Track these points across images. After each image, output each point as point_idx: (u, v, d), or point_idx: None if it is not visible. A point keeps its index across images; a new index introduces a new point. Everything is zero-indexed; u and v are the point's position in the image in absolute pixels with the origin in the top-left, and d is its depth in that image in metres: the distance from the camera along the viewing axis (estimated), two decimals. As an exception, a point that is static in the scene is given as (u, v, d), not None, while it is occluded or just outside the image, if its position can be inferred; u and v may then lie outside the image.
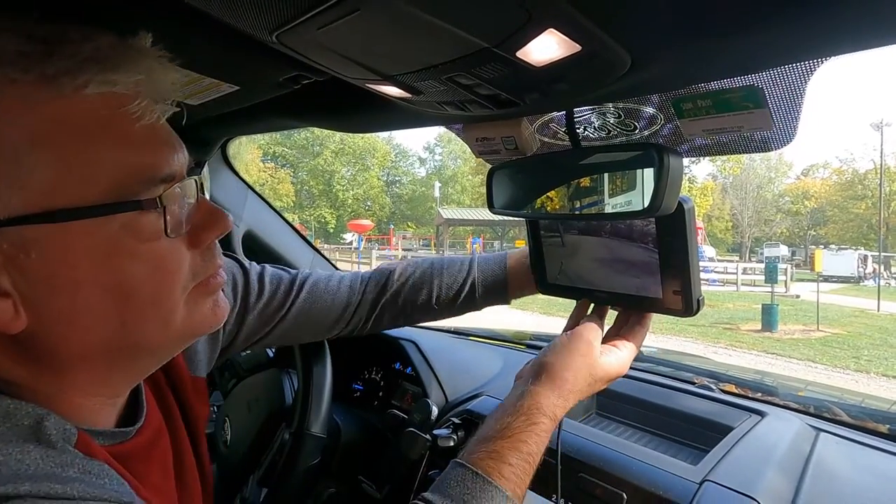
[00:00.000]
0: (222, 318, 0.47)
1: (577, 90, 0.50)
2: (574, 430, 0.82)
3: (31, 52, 0.34)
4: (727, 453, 0.72)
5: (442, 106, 0.60)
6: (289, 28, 0.41)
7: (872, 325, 10.93)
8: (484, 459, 0.54)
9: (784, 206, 30.87)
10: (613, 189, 0.62)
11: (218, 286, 0.47)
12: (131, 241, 0.38)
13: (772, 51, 0.42)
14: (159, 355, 0.46)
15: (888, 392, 5.98)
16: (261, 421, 0.95)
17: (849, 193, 30.24)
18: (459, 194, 36.70)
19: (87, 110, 0.36)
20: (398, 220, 37.59)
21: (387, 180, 38.84)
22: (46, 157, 0.35)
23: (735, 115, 0.54)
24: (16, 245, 0.35)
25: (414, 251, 26.28)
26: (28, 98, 0.34)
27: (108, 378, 0.43)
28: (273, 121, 0.89)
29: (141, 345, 0.42)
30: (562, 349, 0.64)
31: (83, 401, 0.42)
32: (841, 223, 31.67)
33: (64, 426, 0.38)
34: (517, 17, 0.36)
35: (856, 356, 7.78)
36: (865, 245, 28.23)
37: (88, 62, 0.36)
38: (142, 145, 0.39)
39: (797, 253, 31.95)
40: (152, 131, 0.39)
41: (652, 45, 0.42)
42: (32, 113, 0.34)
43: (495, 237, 26.89)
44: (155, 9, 0.49)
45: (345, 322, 0.79)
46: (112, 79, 0.36)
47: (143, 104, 0.38)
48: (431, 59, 0.44)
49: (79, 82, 0.35)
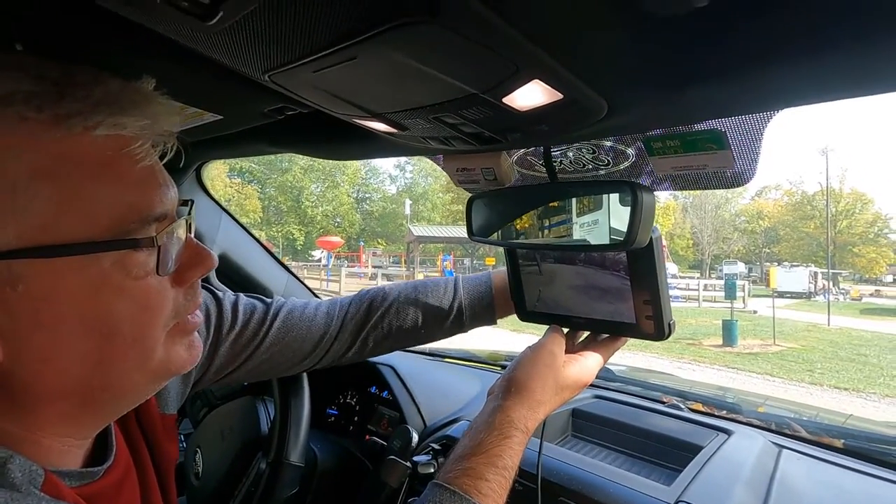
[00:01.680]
0: (196, 359, 0.47)
1: (557, 131, 0.53)
2: (552, 453, 0.83)
3: (43, 93, 0.35)
4: (698, 473, 0.75)
5: (426, 140, 0.62)
6: (284, 70, 0.43)
7: (824, 338, 11.49)
8: (460, 477, 0.55)
9: (740, 225, 32.36)
10: (581, 209, 0.66)
11: (195, 327, 0.47)
12: (120, 277, 0.38)
13: (733, 102, 0.45)
14: (131, 397, 0.45)
15: (839, 403, 6.27)
16: (235, 450, 0.92)
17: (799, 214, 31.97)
18: (430, 212, 36.84)
19: (91, 149, 0.37)
20: (368, 237, 37.35)
21: (357, 197, 38.64)
22: (47, 191, 0.35)
23: (700, 155, 0.58)
24: (3, 278, 0.35)
25: (384, 268, 26.10)
26: (36, 135, 0.35)
27: (78, 419, 0.42)
28: (251, 146, 0.89)
29: (114, 386, 0.41)
30: (526, 362, 0.67)
31: (51, 442, 0.41)
32: (792, 241, 33.36)
33: (30, 467, 0.37)
34: (506, 69, 0.38)
35: (810, 369, 8.14)
36: (815, 262, 29.77)
37: (100, 105, 0.36)
38: (140, 185, 0.39)
39: (753, 270, 33.39)
40: (150, 172, 0.40)
41: (627, 94, 0.45)
42: (38, 149, 0.35)
43: (465, 254, 27.05)
44: (143, 41, 0.49)
45: (322, 351, 0.78)
46: (121, 122, 0.37)
47: (145, 146, 0.39)
48: (421, 101, 0.46)
49: (90, 124, 0.36)
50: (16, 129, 0.34)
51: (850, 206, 31.12)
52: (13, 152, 0.34)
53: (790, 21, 0.35)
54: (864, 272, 31.71)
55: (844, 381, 7.48)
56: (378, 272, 22.35)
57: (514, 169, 0.76)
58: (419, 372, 1.19)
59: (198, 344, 0.47)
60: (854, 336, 12.16)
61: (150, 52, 0.52)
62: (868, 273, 31.57)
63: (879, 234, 31.13)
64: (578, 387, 0.68)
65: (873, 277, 32.31)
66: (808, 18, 0.34)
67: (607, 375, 1.34)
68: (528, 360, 0.67)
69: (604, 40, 0.38)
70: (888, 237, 31.67)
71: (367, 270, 24.62)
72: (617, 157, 0.67)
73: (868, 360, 9.09)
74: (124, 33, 0.49)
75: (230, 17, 0.34)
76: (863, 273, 32.09)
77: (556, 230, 0.69)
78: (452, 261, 25.24)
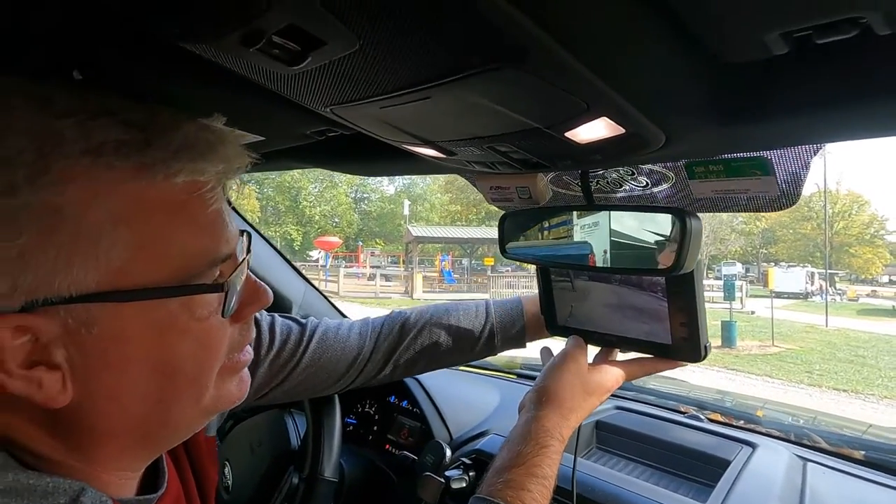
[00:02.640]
0: (245, 395, 0.48)
1: (610, 159, 0.53)
2: (582, 467, 0.84)
3: (129, 141, 0.36)
4: (731, 489, 0.76)
5: (470, 164, 0.62)
6: (350, 105, 0.43)
7: (822, 339, 11.55)
8: (503, 490, 0.56)
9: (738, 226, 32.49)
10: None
11: (245, 364, 0.48)
12: (186, 319, 0.39)
13: (787, 135, 0.46)
14: (185, 432, 0.46)
15: (838, 405, 6.30)
16: (266, 464, 0.93)
17: (796, 215, 32.11)
18: (428, 212, 36.82)
19: (169, 195, 0.37)
20: (366, 237, 37.31)
21: (355, 197, 38.59)
22: (126, 237, 0.36)
23: (743, 180, 0.59)
24: (79, 320, 0.35)
25: (382, 268, 26.06)
26: (120, 182, 0.36)
27: (136, 453, 0.44)
28: (284, 163, 0.90)
29: (171, 422, 0.43)
30: (555, 372, 0.69)
31: (110, 476, 0.42)
32: (790, 242, 33.50)
33: (100, 498, 0.38)
34: (577, 107, 0.39)
35: (808, 371, 8.18)
36: (812, 263, 29.89)
37: (181, 152, 0.37)
38: (210, 229, 0.40)
39: (751, 270, 33.51)
40: (219, 214, 0.41)
41: (685, 128, 0.46)
42: (120, 196, 0.35)
43: (464, 254, 27.07)
44: (187, 66, 0.49)
45: (356, 372, 0.79)
46: (200, 168, 0.38)
47: (217, 189, 0.40)
48: (482, 132, 0.47)
49: (171, 171, 0.36)
50: (103, 177, 0.35)
51: (847, 207, 31.28)
52: (99, 200, 0.35)
53: (847, 64, 0.36)
54: (861, 273, 31.87)
55: (843, 382, 7.52)
56: (376, 272, 22.32)
57: (549, 188, 0.77)
58: (441, 382, 1.20)
59: (247, 380, 0.48)
60: (852, 337, 12.23)
61: (196, 76, 0.52)
62: (864, 274, 31.74)
63: (875, 236, 31.30)
64: (604, 391, 0.70)
65: (869, 278, 32.49)
66: (864, 64, 0.35)
67: (623, 384, 1.34)
68: (556, 370, 0.69)
69: (670, 78, 0.39)
70: (884, 238, 31.84)
71: (365, 270, 24.57)
72: (655, 179, 0.68)
73: (866, 362, 9.15)
74: (167, 60, 0.50)
75: (316, 63, 0.34)
76: (859, 274, 32.25)
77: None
78: (451, 261, 25.25)
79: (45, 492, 0.36)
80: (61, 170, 0.34)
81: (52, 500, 0.36)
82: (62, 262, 0.34)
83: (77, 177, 0.34)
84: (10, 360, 0.34)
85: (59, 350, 0.36)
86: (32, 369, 0.35)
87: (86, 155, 0.34)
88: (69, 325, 0.35)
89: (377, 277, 21.09)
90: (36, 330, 0.35)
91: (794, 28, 0.30)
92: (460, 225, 32.22)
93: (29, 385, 0.35)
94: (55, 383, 0.36)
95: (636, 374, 0.73)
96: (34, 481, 0.35)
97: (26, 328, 0.34)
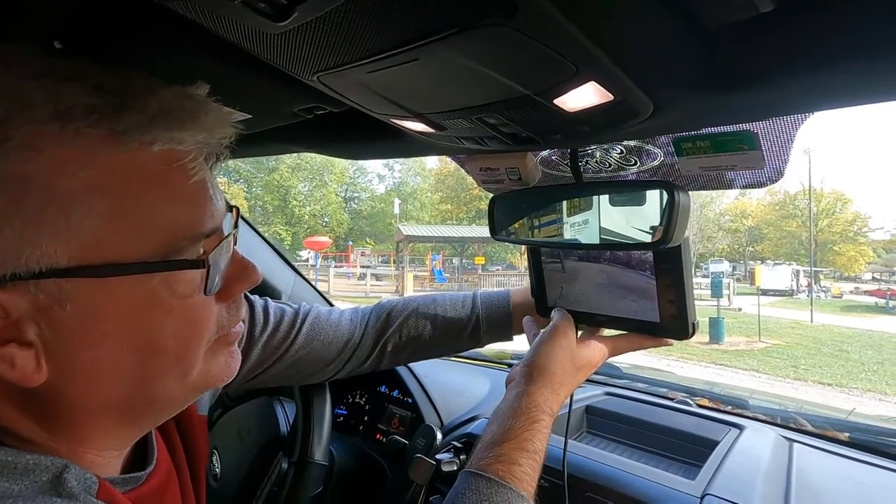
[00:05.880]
0: (234, 371, 0.47)
1: (598, 132, 0.53)
2: (573, 449, 0.84)
3: (102, 106, 0.34)
4: (719, 467, 0.76)
5: (459, 140, 0.62)
6: (337, 71, 0.43)
7: (807, 335, 11.74)
8: (493, 464, 0.56)
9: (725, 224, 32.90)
10: (571, 209, 0.69)
11: (236, 338, 0.47)
12: (167, 296, 0.38)
13: (775, 104, 0.47)
14: (171, 409, 0.45)
15: (823, 398, 6.41)
16: (255, 451, 0.92)
17: (781, 213, 32.59)
18: (419, 211, 36.79)
19: (147, 164, 0.36)
20: (357, 236, 37.17)
21: (345, 196, 38.43)
22: (100, 208, 0.34)
23: (730, 156, 0.59)
24: (51, 296, 0.34)
25: (373, 268, 25.99)
26: (92, 150, 0.34)
27: (119, 432, 0.42)
28: (272, 145, 0.89)
29: (156, 400, 0.41)
30: (543, 346, 0.68)
31: (93, 456, 0.41)
32: (775, 240, 33.99)
33: (84, 475, 0.37)
34: (566, 71, 0.39)
35: (794, 365, 8.32)
36: (797, 260, 30.37)
37: (157, 118, 0.35)
38: (192, 201, 0.38)
39: (737, 268, 33.91)
40: (201, 186, 0.39)
41: (672, 95, 0.46)
42: (93, 164, 0.34)
43: (455, 254, 27.06)
44: (170, 35, 0.48)
45: (346, 357, 0.79)
46: (178, 136, 0.36)
47: (198, 160, 0.38)
48: (469, 101, 0.47)
49: (146, 139, 0.35)
50: (73, 144, 0.33)
51: (831, 205, 31.80)
52: (70, 169, 0.33)
53: (835, 23, 0.36)
54: (844, 270, 32.42)
55: (828, 376, 7.65)
56: (367, 272, 22.25)
57: (539, 168, 0.77)
58: (432, 371, 1.20)
59: (237, 356, 0.47)
60: (836, 332, 12.45)
61: (179, 47, 0.52)
62: (848, 271, 32.29)
63: (859, 233, 31.86)
64: (592, 366, 0.70)
65: (853, 275, 33.06)
66: (853, 21, 0.35)
67: (615, 373, 1.36)
68: (545, 345, 0.69)
69: (659, 42, 0.39)
70: (867, 236, 32.43)
71: (355, 270, 24.50)
72: (643, 157, 0.68)
73: (850, 357, 9.32)
74: (149, 29, 0.49)
75: (302, 19, 0.34)
76: (843, 271, 32.80)
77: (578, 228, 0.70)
78: (441, 260, 25.26)
79: (25, 468, 0.35)
80: (27, 136, 0.32)
81: (34, 476, 0.35)
82: (29, 235, 0.32)
83: (45, 144, 0.32)
84: None
85: (30, 327, 0.34)
86: (4, 347, 0.34)
87: (54, 120, 0.32)
88: (40, 301, 0.34)
89: (367, 277, 21.03)
90: (5, 305, 0.33)
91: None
92: (451, 224, 32.24)
93: (1, 363, 0.34)
94: (29, 361, 0.34)
95: (623, 348, 0.73)
96: (12, 458, 0.34)
97: None
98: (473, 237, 23.00)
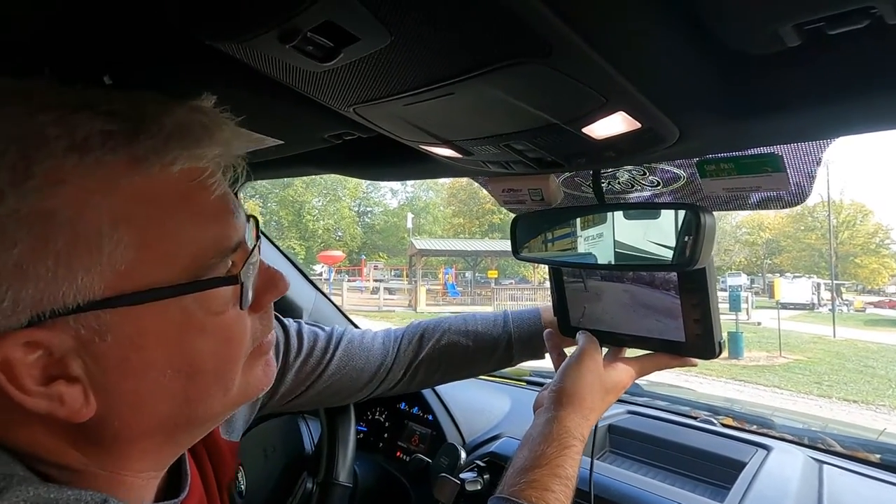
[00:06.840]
0: (272, 378, 0.47)
1: (623, 156, 0.54)
2: (598, 469, 0.84)
3: (116, 132, 0.34)
4: (748, 489, 0.75)
5: (486, 164, 0.64)
6: (374, 104, 0.44)
7: (830, 350, 11.43)
8: (526, 490, 0.56)
9: (741, 236, 32.43)
10: (585, 222, 0.69)
11: (270, 346, 0.47)
12: (201, 314, 0.38)
13: (800, 130, 0.47)
14: (210, 425, 0.45)
15: (849, 416, 6.22)
16: (279, 469, 0.93)
17: (800, 225, 32.04)
18: (432, 225, 36.92)
19: (169, 186, 0.36)
20: (370, 250, 37.37)
21: (358, 211, 38.74)
22: (128, 237, 0.34)
23: (755, 178, 0.60)
24: (92, 329, 0.34)
25: (386, 281, 26.07)
26: (114, 178, 0.34)
27: (160, 454, 0.43)
28: (300, 168, 0.91)
29: (199, 418, 0.42)
30: (572, 371, 0.68)
31: (134, 479, 0.41)
32: (794, 252, 33.36)
33: None
34: (596, 102, 0.40)
35: (818, 381, 8.09)
36: (817, 273, 29.71)
37: (174, 139, 0.35)
38: (215, 217, 0.39)
39: (755, 281, 33.31)
40: (223, 201, 0.39)
41: (698, 122, 0.47)
42: (116, 193, 0.34)
43: (467, 267, 27.05)
44: (206, 66, 0.50)
45: (378, 381, 0.79)
46: (197, 153, 0.36)
47: (217, 175, 0.38)
48: (499, 130, 0.48)
49: (166, 160, 0.35)
50: (94, 175, 0.33)
51: (851, 217, 31.18)
52: (94, 200, 0.33)
53: (861, 56, 0.37)
54: (867, 283, 31.63)
55: (853, 393, 7.43)
56: (380, 286, 22.31)
57: (561, 189, 0.78)
58: (451, 388, 1.20)
59: (273, 364, 0.48)
60: (860, 347, 12.10)
61: (220, 81, 0.54)
62: (870, 284, 31.50)
63: (881, 245, 31.13)
64: (620, 389, 0.70)
65: (876, 288, 32.23)
66: (876, 55, 0.36)
67: (635, 390, 1.34)
68: (572, 369, 0.68)
69: (687, 73, 0.40)
70: (889, 248, 31.66)
71: (368, 284, 24.57)
72: (667, 178, 0.69)
73: (876, 372, 9.04)
74: (194, 64, 0.51)
75: (346, 59, 0.36)
76: (865, 284, 32.00)
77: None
78: (454, 274, 25.22)
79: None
80: (47, 171, 0.32)
81: None
82: (63, 271, 0.32)
83: (66, 177, 0.32)
84: (26, 378, 0.33)
85: (75, 362, 0.35)
86: (51, 385, 0.34)
87: (71, 152, 0.32)
88: (82, 336, 0.34)
89: (381, 291, 21.07)
90: (47, 344, 0.33)
91: (807, 19, 0.31)
92: (464, 237, 32.25)
93: (50, 402, 0.34)
94: (77, 397, 0.35)
95: (650, 369, 0.73)
96: (55, 495, 0.34)
97: (37, 343, 0.33)
98: (486, 251, 22.98)
